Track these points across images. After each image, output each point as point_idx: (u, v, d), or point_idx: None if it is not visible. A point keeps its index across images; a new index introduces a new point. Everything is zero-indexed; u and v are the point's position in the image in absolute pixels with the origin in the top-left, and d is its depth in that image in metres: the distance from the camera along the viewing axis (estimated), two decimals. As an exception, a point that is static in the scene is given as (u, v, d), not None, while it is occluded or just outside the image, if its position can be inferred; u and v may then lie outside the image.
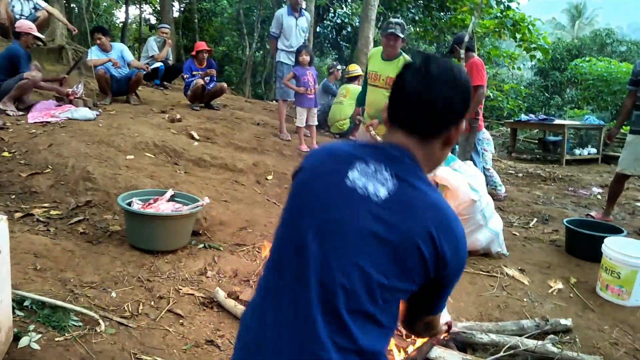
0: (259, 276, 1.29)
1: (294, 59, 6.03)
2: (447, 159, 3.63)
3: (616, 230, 3.88)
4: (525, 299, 3.20)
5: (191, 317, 2.66)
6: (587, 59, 14.90)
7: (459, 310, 3.02)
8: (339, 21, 15.87)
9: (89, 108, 5.49)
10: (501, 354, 2.46)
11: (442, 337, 2.37)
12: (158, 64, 7.86)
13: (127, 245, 3.27)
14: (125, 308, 2.61)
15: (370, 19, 8.99)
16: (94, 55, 6.36)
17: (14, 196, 3.68)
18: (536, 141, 12.61)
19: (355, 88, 6.84)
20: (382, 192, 1.11)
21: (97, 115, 5.35)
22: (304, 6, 6.49)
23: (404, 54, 4.30)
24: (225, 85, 7.03)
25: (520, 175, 7.40)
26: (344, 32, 16.05)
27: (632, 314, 3.10)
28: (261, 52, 17.10)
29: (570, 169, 8.69)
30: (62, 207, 3.67)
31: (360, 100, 4.64)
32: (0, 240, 1.94)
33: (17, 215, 3.41)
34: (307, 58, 5.61)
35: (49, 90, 5.88)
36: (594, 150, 10.32)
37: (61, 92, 5.72)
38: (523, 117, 10.92)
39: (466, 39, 3.55)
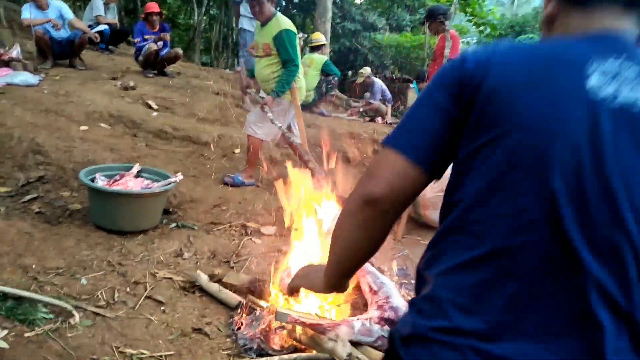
0: None
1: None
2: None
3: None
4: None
5: (173, 304, 2.46)
6: (530, 35, 15.36)
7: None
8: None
9: (30, 72, 4.96)
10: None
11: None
12: (103, 27, 7.22)
13: (92, 225, 2.98)
14: (99, 296, 2.37)
15: (329, -13, 8.72)
16: (29, 13, 5.70)
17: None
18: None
19: (320, 57, 6.63)
20: None
21: (40, 80, 4.84)
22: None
23: (279, 14, 3.86)
24: (180, 51, 6.59)
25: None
26: (296, 0, 15.57)
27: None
28: (205, 17, 16.25)
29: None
30: (11, 183, 3.29)
31: (252, 71, 4.22)
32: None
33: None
34: (275, 25, 5.29)
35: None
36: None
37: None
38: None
39: (452, 9, 3.45)
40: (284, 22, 3.81)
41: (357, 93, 8.42)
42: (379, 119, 7.36)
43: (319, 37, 7.07)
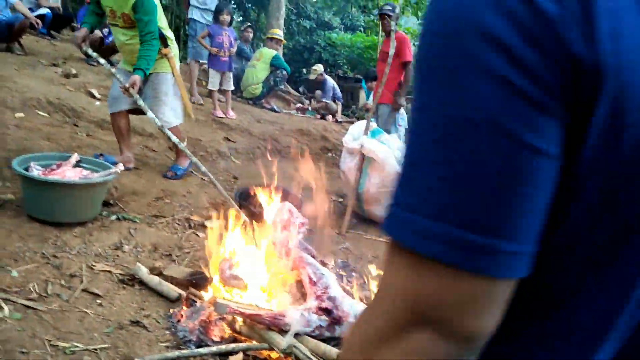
0: None
1: (209, 18, 5.63)
2: (374, 131, 3.65)
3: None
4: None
5: (110, 297, 2.41)
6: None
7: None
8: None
9: (-39, 55, 4.67)
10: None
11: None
12: (44, 10, 6.88)
13: (25, 216, 2.86)
14: (31, 289, 2.29)
15: (282, -17, 8.73)
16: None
17: None
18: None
19: (269, 51, 6.63)
20: None
21: (-28, 64, 4.57)
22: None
23: None
24: (127, 40, 6.38)
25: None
26: (251, -6, 15.45)
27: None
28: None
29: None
30: (-64, 171, 3.11)
31: (87, 20, 3.55)
32: None
33: None
34: (228, 18, 5.28)
35: None
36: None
37: None
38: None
39: (397, 10, 3.56)
40: None
41: (309, 90, 8.48)
42: (330, 117, 7.44)
43: (278, 32, 7.11)
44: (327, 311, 2.10)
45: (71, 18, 7.55)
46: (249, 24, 7.60)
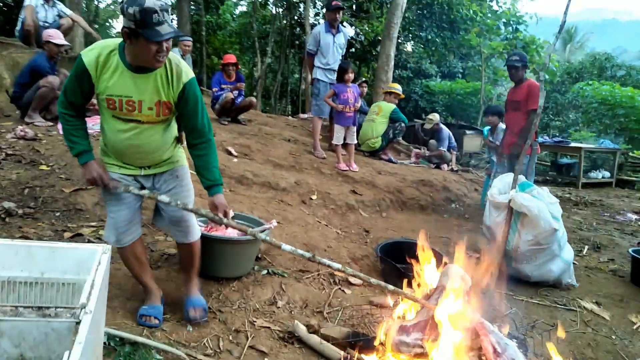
0: None
1: (331, 77, 5.89)
2: (523, 184, 3.47)
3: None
4: (613, 336, 3.02)
5: (274, 354, 2.44)
6: (590, 82, 15.08)
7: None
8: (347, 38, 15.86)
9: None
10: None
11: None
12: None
13: (188, 270, 3.03)
14: (206, 344, 2.38)
15: (392, 37, 8.92)
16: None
17: (58, 213, 3.43)
18: (545, 163, 12.61)
19: (387, 105, 6.71)
20: None
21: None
22: (342, 23, 6.31)
23: (175, 60, 2.20)
24: (254, 100, 6.84)
25: (550, 198, 7.31)
26: (352, 49, 16.01)
27: None
28: (260, 65, 16.93)
29: (588, 192, 8.62)
30: (111, 226, 3.42)
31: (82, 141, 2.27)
32: (102, 273, 1.71)
33: (67, 235, 3.16)
34: (352, 76, 5.48)
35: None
36: (607, 174, 10.33)
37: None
38: (539, 138, 10.87)
39: (546, 61, 3.45)
40: (187, 66, 2.29)
41: (421, 141, 8.40)
42: (444, 166, 7.28)
43: (397, 86, 7.22)
44: (516, 386, 1.92)
45: (201, 81, 8.26)
46: (363, 79, 7.82)
